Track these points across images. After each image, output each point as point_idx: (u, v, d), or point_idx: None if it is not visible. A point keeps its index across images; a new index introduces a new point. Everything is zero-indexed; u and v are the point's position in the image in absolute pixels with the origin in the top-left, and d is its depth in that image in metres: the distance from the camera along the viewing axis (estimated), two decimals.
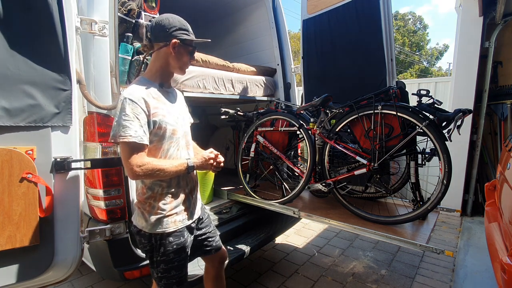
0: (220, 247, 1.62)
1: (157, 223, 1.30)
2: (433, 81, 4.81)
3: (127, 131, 1.15)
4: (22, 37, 1.25)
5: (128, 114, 1.16)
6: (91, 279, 2.53)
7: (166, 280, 1.35)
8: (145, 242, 1.33)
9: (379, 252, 3.02)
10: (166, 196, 1.32)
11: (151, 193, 1.30)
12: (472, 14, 3.57)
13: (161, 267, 1.33)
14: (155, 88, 1.31)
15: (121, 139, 1.15)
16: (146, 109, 1.21)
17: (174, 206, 1.34)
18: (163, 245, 1.31)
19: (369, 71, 2.47)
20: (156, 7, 2.11)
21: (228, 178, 3.17)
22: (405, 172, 2.04)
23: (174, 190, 1.34)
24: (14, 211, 1.21)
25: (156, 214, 1.30)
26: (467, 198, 3.85)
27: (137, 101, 1.18)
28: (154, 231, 1.30)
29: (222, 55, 2.85)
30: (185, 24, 1.32)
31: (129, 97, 1.18)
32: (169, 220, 1.32)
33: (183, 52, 1.32)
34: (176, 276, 1.35)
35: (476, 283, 2.29)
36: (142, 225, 1.32)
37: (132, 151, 1.17)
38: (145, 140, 1.19)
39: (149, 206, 1.31)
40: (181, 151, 1.38)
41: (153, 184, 1.30)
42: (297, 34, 21.77)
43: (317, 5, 2.80)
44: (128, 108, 1.16)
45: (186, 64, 1.37)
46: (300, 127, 2.23)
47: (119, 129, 1.16)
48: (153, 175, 1.21)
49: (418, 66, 25.39)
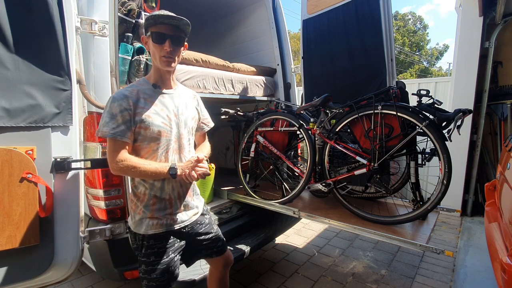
0: (224, 251, 1.60)
1: (139, 223, 1.31)
2: (433, 81, 4.80)
3: (107, 127, 1.19)
4: (22, 37, 1.25)
5: (111, 111, 1.20)
6: (91, 279, 2.53)
7: (147, 281, 1.32)
8: (133, 239, 1.37)
9: (379, 252, 3.02)
10: (148, 198, 1.31)
11: (136, 192, 1.32)
12: (472, 14, 3.57)
13: (142, 267, 1.33)
14: (149, 88, 1.31)
15: (101, 134, 1.20)
16: (129, 107, 1.21)
17: (156, 209, 1.31)
18: (144, 246, 1.31)
19: (369, 71, 2.47)
20: (156, 7, 2.11)
21: (228, 178, 3.17)
22: (405, 172, 2.04)
23: (157, 194, 1.31)
24: (14, 211, 1.21)
25: (139, 214, 1.31)
26: (467, 198, 3.84)
27: (120, 99, 1.21)
28: (137, 231, 1.31)
29: (222, 55, 2.85)
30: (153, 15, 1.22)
31: (114, 95, 1.23)
32: (150, 223, 1.30)
33: (150, 43, 1.25)
34: (156, 280, 1.31)
35: (476, 283, 2.29)
36: (130, 222, 1.35)
37: (112, 146, 1.20)
38: (126, 137, 1.21)
39: (135, 205, 1.33)
40: (171, 154, 1.33)
41: (138, 183, 1.32)
42: (297, 34, 21.77)
43: (317, 5, 2.80)
44: (111, 105, 1.21)
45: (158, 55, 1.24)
46: (300, 127, 2.23)
47: (101, 125, 1.21)
48: (128, 172, 1.22)
49: (418, 66, 25.39)
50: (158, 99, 1.31)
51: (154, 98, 1.30)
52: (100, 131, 1.20)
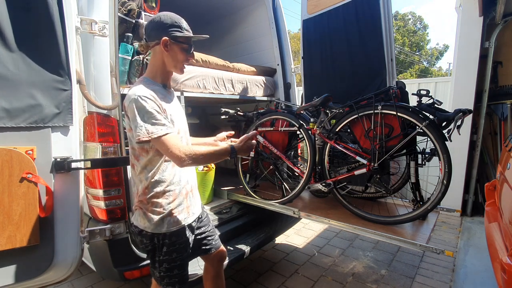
0: (219, 246, 1.63)
1: (160, 222, 1.30)
2: (433, 81, 4.80)
3: (158, 125, 1.17)
4: (22, 37, 1.25)
5: (150, 111, 1.17)
6: (91, 279, 2.53)
7: (168, 279, 1.35)
8: (147, 242, 1.33)
9: (379, 252, 3.02)
10: (168, 195, 1.32)
11: (153, 192, 1.29)
12: (472, 14, 3.57)
13: (163, 266, 1.33)
14: (159, 88, 1.32)
15: (155, 135, 1.16)
16: (160, 106, 1.22)
17: (177, 204, 1.34)
18: (166, 245, 1.31)
19: (369, 71, 2.47)
20: (156, 7, 2.11)
21: (228, 178, 3.17)
22: (405, 172, 2.04)
23: (176, 188, 1.34)
24: (14, 211, 1.21)
25: (158, 213, 1.30)
26: (467, 198, 3.84)
27: (151, 98, 1.20)
28: (157, 231, 1.30)
29: (222, 55, 2.85)
30: (177, 21, 1.29)
31: (142, 95, 1.18)
32: (172, 220, 1.32)
33: (177, 50, 1.30)
34: (178, 275, 1.36)
35: (476, 283, 2.29)
36: (145, 225, 1.31)
37: (172, 142, 1.18)
38: (173, 130, 1.22)
39: (152, 205, 1.30)
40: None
41: (154, 183, 1.29)
42: (297, 34, 21.77)
43: (317, 5, 2.79)
44: (147, 105, 1.17)
45: (181, 62, 1.34)
46: (300, 127, 2.23)
47: (147, 127, 1.16)
48: (200, 161, 1.23)
49: (418, 66, 25.37)
50: (169, 98, 1.36)
51: (167, 98, 1.33)
52: (152, 133, 1.16)
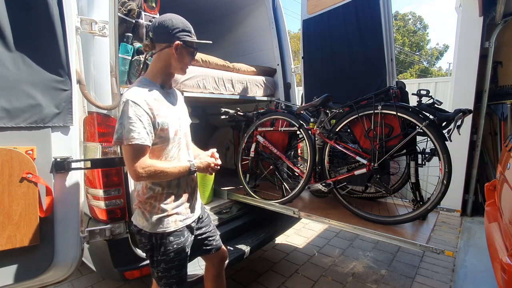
0: (220, 247, 1.63)
1: (157, 222, 1.30)
2: (433, 81, 4.80)
3: (131, 133, 1.15)
4: (22, 37, 1.25)
5: (131, 116, 1.16)
6: (91, 279, 2.53)
7: (166, 279, 1.36)
8: (146, 241, 1.34)
9: (379, 252, 3.02)
10: (166, 196, 1.33)
11: (152, 193, 1.31)
12: (472, 14, 3.57)
13: (161, 266, 1.33)
14: (157, 89, 1.31)
15: (126, 141, 1.16)
16: (149, 111, 1.20)
17: (175, 206, 1.35)
18: (164, 245, 1.32)
19: (369, 71, 2.47)
20: (156, 7, 2.11)
21: (228, 178, 3.17)
22: (405, 172, 2.04)
23: (174, 191, 1.35)
24: (14, 211, 1.21)
25: (157, 213, 1.31)
26: (467, 198, 3.85)
27: (139, 103, 1.18)
28: (155, 231, 1.30)
29: (222, 55, 2.84)
30: (188, 25, 1.32)
31: (131, 99, 1.17)
32: (170, 220, 1.33)
33: (185, 54, 1.33)
34: (176, 276, 1.36)
35: (476, 283, 2.29)
36: (143, 224, 1.32)
37: (136, 153, 1.17)
38: (148, 141, 1.20)
39: (150, 206, 1.31)
40: (182, 151, 1.39)
41: (153, 185, 1.31)
42: (297, 34, 21.76)
43: (317, 5, 2.79)
44: (130, 110, 1.16)
45: (187, 65, 1.38)
46: (300, 127, 2.23)
47: (123, 132, 1.16)
48: (156, 177, 1.22)
49: (418, 66, 25.37)
50: (167, 99, 1.35)
51: (164, 99, 1.32)
52: (125, 139, 1.15)
